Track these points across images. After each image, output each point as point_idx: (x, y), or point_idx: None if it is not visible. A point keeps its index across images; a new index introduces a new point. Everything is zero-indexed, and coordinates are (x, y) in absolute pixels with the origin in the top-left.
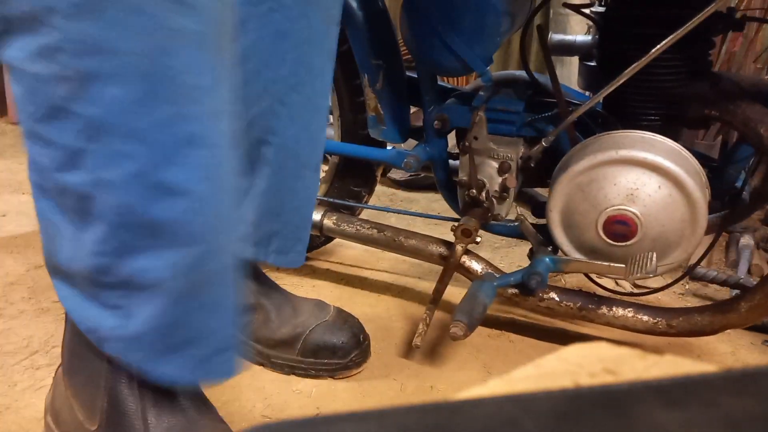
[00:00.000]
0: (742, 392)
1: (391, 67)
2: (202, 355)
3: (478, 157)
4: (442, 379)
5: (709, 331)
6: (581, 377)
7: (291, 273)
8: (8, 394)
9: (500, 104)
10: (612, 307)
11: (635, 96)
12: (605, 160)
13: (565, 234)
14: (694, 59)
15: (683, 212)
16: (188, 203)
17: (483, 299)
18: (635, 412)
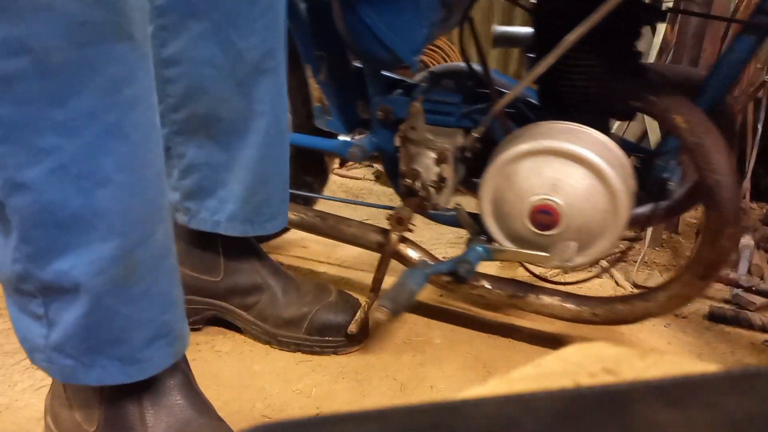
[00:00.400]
0: (742, 392)
1: (335, 58)
2: (131, 351)
3: (416, 148)
4: (442, 379)
5: (631, 320)
6: (581, 377)
7: None
8: (8, 394)
9: (439, 96)
10: (540, 295)
11: (564, 87)
12: (530, 150)
13: (496, 223)
14: (620, 50)
15: (605, 203)
16: (110, 193)
17: (411, 286)
18: (635, 412)
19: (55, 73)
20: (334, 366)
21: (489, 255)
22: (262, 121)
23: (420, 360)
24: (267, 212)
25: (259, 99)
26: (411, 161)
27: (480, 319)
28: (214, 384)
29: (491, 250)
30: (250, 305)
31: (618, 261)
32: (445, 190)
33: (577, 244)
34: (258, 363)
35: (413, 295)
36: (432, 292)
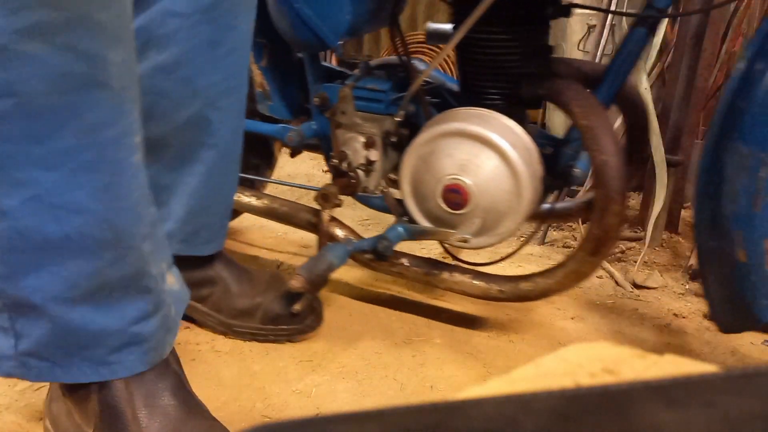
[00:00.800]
0: (742, 392)
1: (276, 45)
2: (104, 355)
3: (347, 132)
4: (442, 379)
5: (533, 297)
6: (581, 377)
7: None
8: (8, 393)
9: (369, 84)
10: (453, 273)
11: (480, 77)
12: (443, 133)
13: (415, 203)
14: (529, 43)
15: (509, 184)
16: (83, 220)
17: (331, 259)
18: (635, 412)
19: (37, 115)
20: (334, 366)
21: (408, 234)
22: (211, 153)
23: (420, 360)
24: (204, 236)
25: (211, 133)
26: (340, 144)
27: (480, 319)
28: (214, 384)
29: (410, 230)
30: (204, 297)
31: (618, 261)
32: (373, 174)
33: (481, 220)
34: (258, 363)
35: (331, 268)
36: (432, 291)
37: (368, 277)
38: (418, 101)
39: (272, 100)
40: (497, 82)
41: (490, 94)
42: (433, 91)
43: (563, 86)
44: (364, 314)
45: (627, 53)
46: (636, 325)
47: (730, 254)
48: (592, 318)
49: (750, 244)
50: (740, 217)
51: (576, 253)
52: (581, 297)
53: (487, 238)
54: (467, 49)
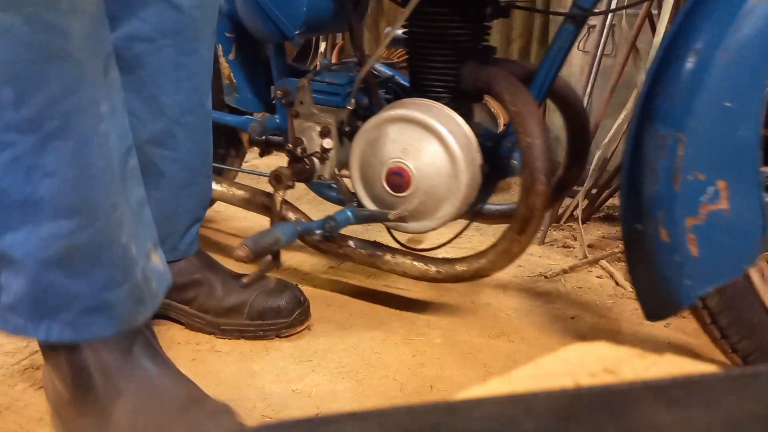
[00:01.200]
0: (742, 392)
1: (244, 40)
2: (72, 317)
3: (304, 122)
4: (442, 379)
5: (468, 277)
6: (581, 377)
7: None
8: (8, 393)
9: (327, 77)
10: (395, 255)
11: (424, 71)
12: (388, 118)
13: (363, 187)
14: (468, 41)
15: (448, 167)
16: (54, 183)
17: (278, 234)
18: (635, 412)
19: (11, 82)
20: (334, 366)
21: (355, 217)
22: (174, 167)
23: (420, 360)
24: (170, 243)
25: (175, 148)
26: (296, 132)
27: (480, 319)
28: (214, 384)
29: (357, 213)
30: (190, 299)
31: (618, 260)
32: (327, 162)
33: (418, 201)
34: (258, 363)
35: (278, 243)
36: (432, 291)
37: (368, 276)
38: (371, 94)
39: (239, 93)
40: (440, 76)
41: (435, 87)
42: (386, 86)
43: (497, 78)
44: (364, 314)
45: (556, 50)
46: (636, 325)
47: (654, 235)
48: (592, 318)
49: (672, 223)
50: (662, 197)
51: (505, 234)
52: (581, 297)
53: (428, 222)
54: (414, 46)
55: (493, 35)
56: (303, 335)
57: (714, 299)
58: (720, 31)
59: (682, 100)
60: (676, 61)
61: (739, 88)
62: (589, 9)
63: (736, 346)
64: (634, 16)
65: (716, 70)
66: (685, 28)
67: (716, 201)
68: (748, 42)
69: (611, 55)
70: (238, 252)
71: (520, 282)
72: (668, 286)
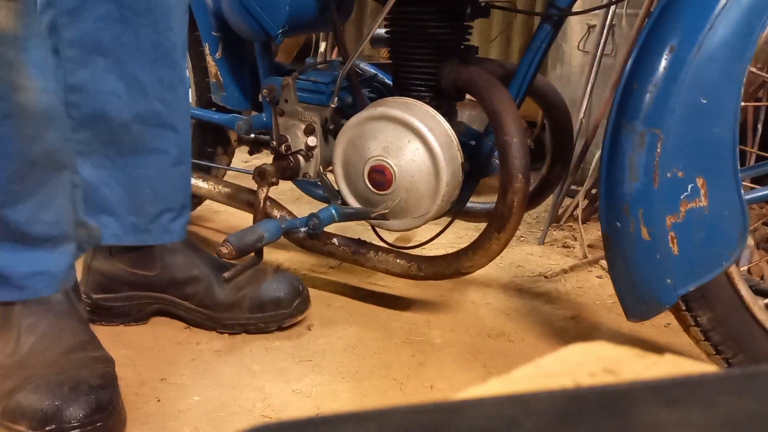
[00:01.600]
0: (742, 392)
1: (230, 39)
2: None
3: (289, 119)
4: (442, 379)
5: (449, 274)
6: (581, 377)
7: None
8: None
9: (312, 76)
10: (378, 253)
11: (406, 70)
12: (369, 117)
13: (346, 185)
14: (449, 41)
15: (428, 165)
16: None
17: (261, 231)
18: (635, 412)
19: None
20: (334, 366)
21: (339, 215)
22: (163, 144)
23: (420, 360)
24: (164, 224)
25: (161, 125)
26: (281, 129)
27: (480, 319)
28: (214, 384)
29: (340, 211)
30: (189, 295)
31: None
32: (312, 160)
33: (399, 199)
34: (258, 363)
35: (261, 239)
36: (432, 291)
37: (368, 277)
38: (354, 92)
39: (225, 91)
40: (422, 75)
41: (416, 86)
42: (370, 85)
43: (476, 77)
44: (364, 314)
45: (534, 50)
46: (636, 325)
47: (634, 234)
48: (592, 318)
49: (652, 221)
50: (641, 195)
51: (484, 232)
52: (581, 297)
53: (410, 220)
54: (396, 45)
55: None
56: (303, 335)
57: (705, 316)
58: (695, 27)
59: (658, 96)
60: (652, 58)
61: (714, 85)
62: (565, 9)
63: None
64: (634, 16)
65: (692, 66)
66: (660, 24)
67: (696, 198)
68: (723, 38)
69: (611, 55)
70: (221, 249)
71: (520, 282)
72: (649, 285)
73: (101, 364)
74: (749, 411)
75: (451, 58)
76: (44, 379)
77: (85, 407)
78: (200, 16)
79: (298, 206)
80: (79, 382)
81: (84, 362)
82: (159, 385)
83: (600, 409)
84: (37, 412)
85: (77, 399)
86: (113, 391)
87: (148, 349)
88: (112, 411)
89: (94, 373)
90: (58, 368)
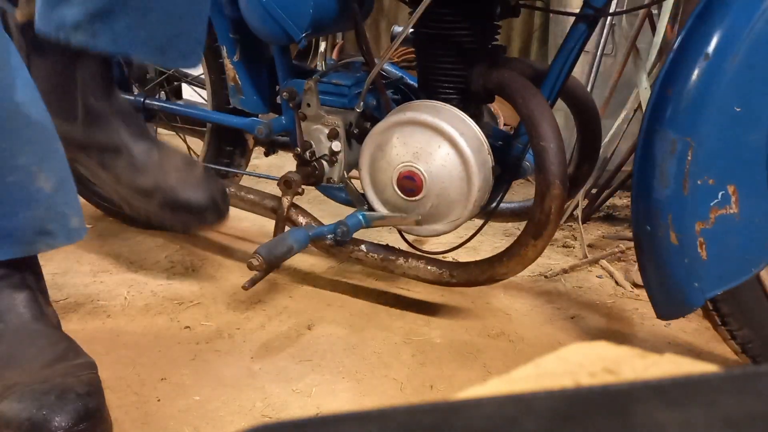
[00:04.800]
0: (742, 392)
1: (248, 41)
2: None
3: (312, 124)
4: (442, 379)
5: (482, 281)
6: (581, 377)
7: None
8: None
9: (334, 78)
10: (408, 259)
11: (433, 72)
12: (397, 122)
13: (373, 192)
14: (479, 41)
15: (459, 170)
16: None
17: (290, 242)
18: (635, 412)
19: None
20: (334, 366)
21: (366, 221)
22: None
23: (420, 360)
24: (181, 47)
25: None
26: (305, 135)
27: (480, 319)
28: (214, 384)
29: (368, 217)
30: (106, 164)
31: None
32: (336, 165)
33: (430, 205)
34: (258, 363)
35: (291, 250)
36: (432, 291)
37: (368, 276)
38: (379, 95)
39: (244, 95)
40: (450, 77)
41: (444, 88)
42: (395, 87)
43: (508, 80)
44: (364, 314)
45: (568, 50)
46: (636, 325)
47: (664, 238)
48: (592, 318)
49: (681, 227)
50: (671, 201)
51: (520, 238)
52: (581, 297)
53: (441, 226)
54: (423, 46)
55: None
56: (303, 335)
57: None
58: (731, 35)
59: (691, 104)
60: (687, 65)
61: (749, 93)
62: (601, 9)
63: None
64: (634, 15)
65: (727, 74)
66: (695, 31)
67: (726, 205)
68: (759, 47)
69: (611, 55)
70: (252, 262)
71: (520, 282)
72: (678, 287)
73: (85, 371)
74: (749, 411)
75: (480, 59)
76: (29, 388)
77: (73, 415)
78: (217, 19)
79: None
80: (65, 390)
81: (67, 369)
82: (159, 385)
83: (600, 409)
84: (24, 422)
85: (65, 407)
86: (100, 397)
87: (148, 349)
88: (100, 418)
89: (79, 380)
90: (43, 377)
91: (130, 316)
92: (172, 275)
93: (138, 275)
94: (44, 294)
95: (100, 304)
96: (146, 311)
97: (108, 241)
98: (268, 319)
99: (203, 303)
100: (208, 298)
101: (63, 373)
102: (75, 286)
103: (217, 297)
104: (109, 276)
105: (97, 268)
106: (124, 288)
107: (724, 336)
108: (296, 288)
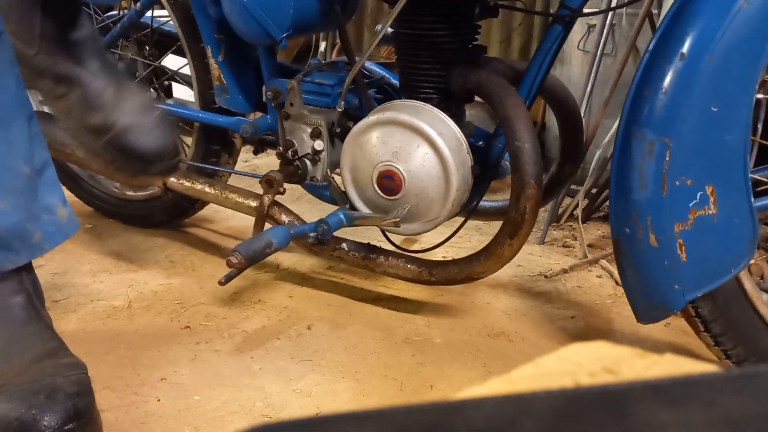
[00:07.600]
0: (742, 392)
1: (233, 41)
2: None
3: (295, 123)
4: (442, 379)
5: (461, 279)
6: (581, 377)
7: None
8: None
9: (317, 78)
10: (389, 258)
11: (414, 71)
12: (377, 122)
13: (355, 190)
14: (457, 42)
15: (438, 170)
16: None
17: (270, 239)
18: (635, 412)
19: None
20: (334, 366)
21: (347, 220)
22: None
23: (420, 360)
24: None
25: None
26: (287, 134)
27: (480, 319)
28: (214, 384)
29: (349, 216)
30: (60, 95)
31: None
32: (319, 164)
33: (410, 205)
34: (258, 362)
35: (270, 247)
36: (432, 291)
37: (368, 277)
38: (361, 94)
39: (229, 94)
40: (430, 77)
41: (424, 88)
42: (378, 86)
43: (486, 80)
44: (365, 314)
45: (545, 51)
46: (636, 325)
47: (643, 240)
48: (592, 318)
49: (660, 228)
50: (650, 202)
51: (496, 238)
52: (581, 297)
53: (420, 225)
54: (403, 46)
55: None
56: (303, 335)
57: (715, 321)
58: (706, 35)
59: (668, 104)
60: (662, 65)
61: (726, 93)
62: (577, 9)
63: (730, 353)
64: (634, 15)
65: (702, 74)
66: (671, 32)
67: (705, 206)
68: (735, 46)
69: (611, 54)
70: (230, 259)
71: (520, 282)
72: (658, 290)
73: (74, 371)
74: (749, 411)
75: (460, 59)
76: (18, 387)
77: (62, 415)
78: (201, 18)
79: (298, 206)
80: (55, 390)
81: (56, 369)
82: (159, 385)
83: (600, 409)
84: (12, 422)
85: (54, 407)
86: (89, 397)
87: (148, 349)
88: (89, 418)
89: (69, 380)
90: (31, 376)
91: (130, 316)
92: (172, 275)
93: (138, 275)
94: (39, 296)
95: (100, 304)
96: (146, 311)
97: (108, 241)
98: (268, 319)
99: (203, 303)
100: (208, 298)
101: (52, 372)
102: (75, 286)
103: (217, 297)
104: (109, 276)
105: (97, 268)
106: (124, 288)
107: (707, 342)
108: (296, 288)
